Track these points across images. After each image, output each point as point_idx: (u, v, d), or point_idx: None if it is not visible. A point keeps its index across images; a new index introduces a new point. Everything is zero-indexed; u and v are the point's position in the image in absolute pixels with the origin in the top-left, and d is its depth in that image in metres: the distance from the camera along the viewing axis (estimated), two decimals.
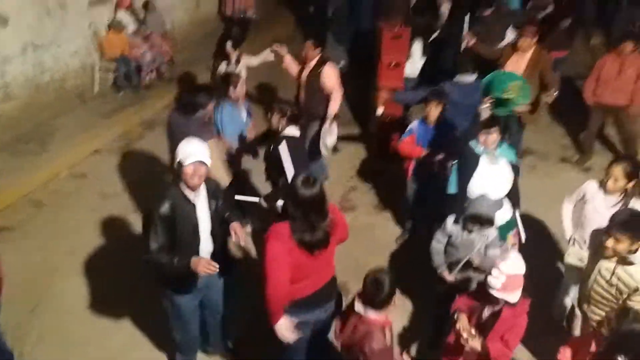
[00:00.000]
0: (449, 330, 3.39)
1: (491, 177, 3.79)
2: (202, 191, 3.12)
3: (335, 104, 5.34)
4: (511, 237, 4.01)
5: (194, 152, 2.99)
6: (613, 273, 3.02)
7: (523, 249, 4.88)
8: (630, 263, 2.95)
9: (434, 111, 4.57)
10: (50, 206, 5.58)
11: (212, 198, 3.20)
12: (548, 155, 6.65)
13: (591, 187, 3.69)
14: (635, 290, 2.94)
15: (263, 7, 10.76)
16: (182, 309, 3.34)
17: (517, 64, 5.42)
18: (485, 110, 4.02)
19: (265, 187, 4.79)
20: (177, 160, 3.00)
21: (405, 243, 5.09)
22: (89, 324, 4.22)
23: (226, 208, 3.35)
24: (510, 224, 3.99)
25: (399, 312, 4.00)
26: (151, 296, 4.25)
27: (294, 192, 2.83)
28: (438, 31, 7.10)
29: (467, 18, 5.83)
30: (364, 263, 4.77)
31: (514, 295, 2.91)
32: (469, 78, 4.96)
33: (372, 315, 2.78)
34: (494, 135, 3.83)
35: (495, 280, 2.86)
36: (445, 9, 8.00)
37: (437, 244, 3.73)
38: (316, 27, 10.04)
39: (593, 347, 2.76)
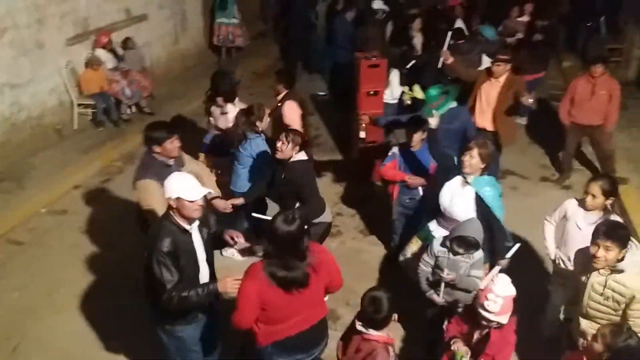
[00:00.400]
0: (441, 353, 3.35)
1: (453, 197, 3.79)
2: (196, 221, 3.11)
3: None
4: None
5: (195, 188, 2.98)
6: (605, 286, 3.03)
7: (509, 268, 4.95)
8: (620, 271, 2.97)
9: (416, 136, 4.61)
10: (30, 244, 5.46)
11: (203, 225, 3.19)
12: (528, 175, 6.75)
13: (571, 205, 3.74)
14: (632, 298, 2.95)
15: (247, 38, 10.98)
16: (187, 341, 3.28)
17: (491, 88, 5.54)
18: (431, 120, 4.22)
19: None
20: (174, 195, 2.94)
21: (393, 266, 5.05)
22: None
23: (212, 231, 3.33)
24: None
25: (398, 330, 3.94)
26: (134, 334, 4.21)
27: (271, 228, 2.77)
28: (414, 61, 7.25)
29: (448, 36, 5.95)
30: (352, 288, 4.73)
31: (506, 317, 2.93)
32: (451, 104, 5.05)
33: (374, 334, 2.78)
34: (472, 160, 3.70)
35: (494, 305, 2.87)
36: (417, 40, 8.24)
37: (425, 267, 3.70)
38: (296, 59, 10.29)
39: None
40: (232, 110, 5.15)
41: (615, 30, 10.31)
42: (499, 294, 2.86)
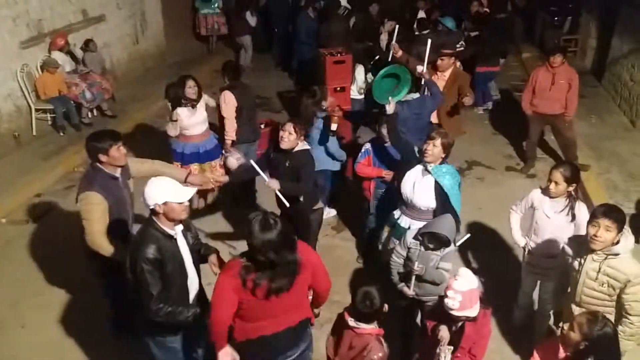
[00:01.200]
0: (416, 346, 3.37)
1: (415, 185, 3.86)
2: (179, 224, 3.03)
3: (226, 131, 5.42)
4: None
5: (181, 189, 2.91)
6: (599, 271, 3.03)
7: (478, 257, 5.03)
8: (615, 254, 2.97)
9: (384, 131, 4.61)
10: None
11: (187, 229, 3.12)
12: (494, 165, 6.88)
13: (537, 194, 3.80)
14: (627, 282, 2.96)
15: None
16: (178, 352, 3.20)
17: (438, 82, 5.59)
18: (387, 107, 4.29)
19: None
20: (161, 200, 2.84)
21: (367, 260, 5.08)
22: None
23: (197, 239, 3.27)
24: None
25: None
26: (101, 345, 4.15)
27: (249, 232, 2.62)
28: (378, 56, 7.31)
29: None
30: None
31: (473, 310, 2.94)
32: (414, 94, 5.08)
33: (367, 327, 2.83)
34: (434, 149, 3.78)
35: (452, 301, 2.88)
36: (384, 37, 8.32)
37: (397, 258, 3.71)
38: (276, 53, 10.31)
39: (562, 353, 2.79)
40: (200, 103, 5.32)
41: (576, 25, 10.63)
42: (457, 289, 2.87)
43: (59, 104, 7.35)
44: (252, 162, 4.20)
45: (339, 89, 6.36)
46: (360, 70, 6.90)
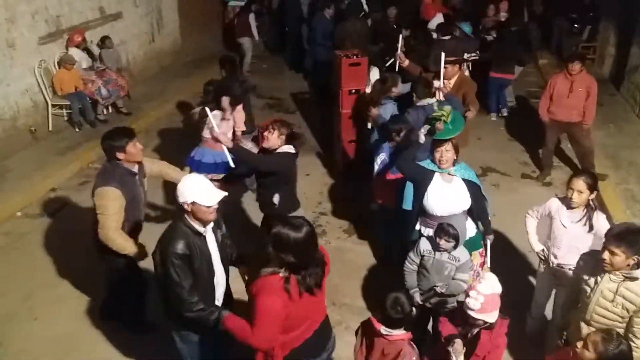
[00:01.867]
0: (426, 351, 3.34)
1: (446, 194, 3.80)
2: (210, 223, 3.04)
3: (236, 122, 5.39)
4: (477, 255, 4.01)
5: (212, 192, 2.91)
6: (616, 292, 2.94)
7: (491, 264, 4.98)
8: (635, 278, 2.87)
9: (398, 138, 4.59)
10: (5, 248, 5.30)
11: (217, 227, 3.13)
12: (509, 172, 6.80)
13: (554, 204, 3.73)
14: None
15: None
16: (202, 346, 3.22)
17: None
18: (422, 134, 3.99)
19: None
20: (189, 200, 2.86)
21: (378, 265, 5.05)
22: None
23: (228, 237, 3.28)
24: (475, 242, 3.99)
25: None
26: (112, 338, 4.19)
27: (286, 238, 2.62)
28: (392, 59, 7.28)
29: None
30: (338, 288, 4.75)
31: (492, 315, 2.91)
32: (430, 101, 5.04)
33: (399, 333, 2.85)
34: (447, 154, 3.77)
35: (474, 302, 2.86)
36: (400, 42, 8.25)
37: (410, 265, 3.71)
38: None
39: None
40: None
41: (594, 32, 10.52)
42: (480, 291, 2.86)
43: (75, 100, 7.40)
44: (207, 109, 4.20)
45: (353, 91, 6.33)
46: (375, 73, 6.85)
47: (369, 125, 5.15)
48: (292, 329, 2.74)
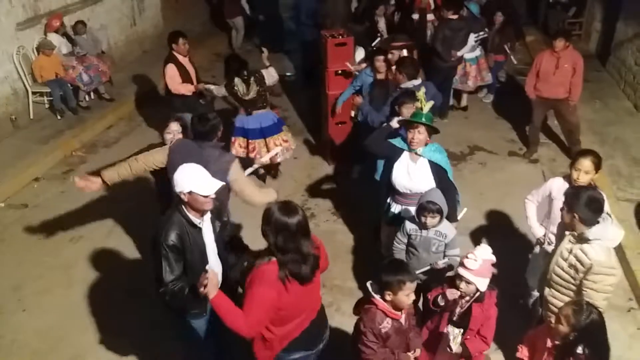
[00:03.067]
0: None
1: (410, 172, 3.83)
2: (207, 213, 3.01)
3: None
4: None
5: (209, 182, 2.88)
6: (570, 252, 3.08)
7: (478, 243, 5.00)
8: (586, 240, 2.99)
9: (405, 112, 4.54)
10: None
11: (216, 218, 3.11)
12: (496, 150, 6.81)
13: (556, 183, 3.73)
14: (590, 268, 2.98)
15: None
16: (201, 331, 3.23)
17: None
18: (395, 119, 4.01)
19: None
20: (186, 189, 2.82)
21: (368, 246, 5.05)
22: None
23: (226, 229, 3.31)
24: None
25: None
26: (102, 329, 4.17)
27: (276, 222, 2.60)
28: (378, 39, 7.19)
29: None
30: (328, 270, 4.71)
31: (484, 282, 2.97)
32: (415, 82, 4.99)
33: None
34: (420, 136, 3.74)
35: (473, 262, 2.93)
36: (382, 23, 8.18)
37: (398, 244, 3.75)
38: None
39: (549, 343, 2.79)
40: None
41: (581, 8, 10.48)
42: (478, 255, 2.95)
43: (56, 86, 7.24)
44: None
45: (340, 72, 6.25)
46: (360, 53, 6.78)
47: (352, 114, 5.04)
48: (288, 320, 2.74)
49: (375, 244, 4.86)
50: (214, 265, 3.09)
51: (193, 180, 2.85)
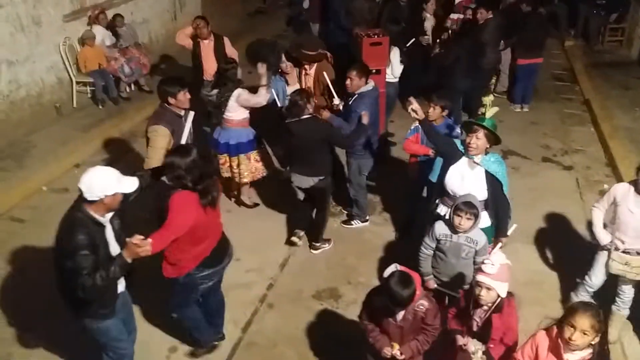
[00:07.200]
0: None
1: (464, 178, 3.76)
2: (110, 212, 3.04)
3: None
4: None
5: (127, 179, 2.95)
6: None
7: (508, 248, 4.97)
8: None
9: (434, 112, 4.56)
10: (32, 222, 5.45)
11: (116, 216, 3.08)
12: (530, 155, 6.74)
13: (620, 189, 3.72)
14: None
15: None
16: (112, 331, 3.24)
17: (304, 79, 5.60)
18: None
19: None
20: (110, 192, 2.85)
21: (395, 246, 5.08)
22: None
23: (121, 225, 3.20)
24: (486, 233, 3.82)
25: None
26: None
27: (185, 164, 3.19)
28: (413, 39, 7.18)
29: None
30: (354, 267, 4.81)
31: (503, 288, 2.92)
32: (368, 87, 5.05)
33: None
34: (477, 141, 3.66)
35: (491, 267, 2.89)
36: (428, 23, 8.13)
37: (425, 250, 3.68)
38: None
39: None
40: None
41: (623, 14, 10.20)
42: (495, 260, 2.91)
43: (98, 77, 7.50)
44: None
45: (374, 71, 6.28)
46: (395, 53, 6.79)
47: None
48: (201, 241, 3.36)
49: (403, 239, 4.91)
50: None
51: (115, 181, 2.87)
